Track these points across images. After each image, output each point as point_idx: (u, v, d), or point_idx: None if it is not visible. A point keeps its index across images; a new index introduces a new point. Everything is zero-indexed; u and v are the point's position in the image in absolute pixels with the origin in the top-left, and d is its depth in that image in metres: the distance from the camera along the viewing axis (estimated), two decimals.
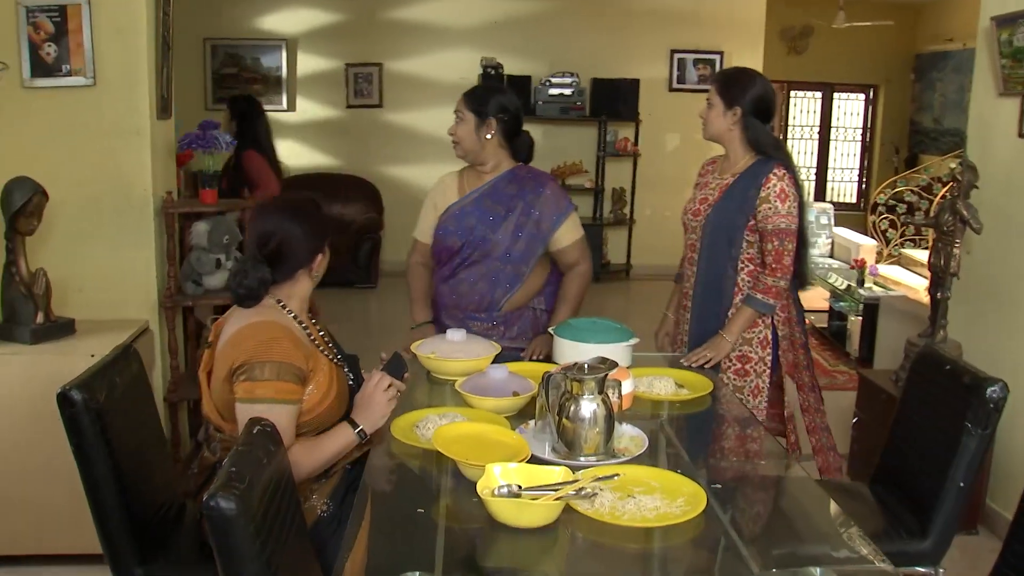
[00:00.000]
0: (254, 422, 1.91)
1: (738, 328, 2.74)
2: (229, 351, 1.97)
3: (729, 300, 2.79)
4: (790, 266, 2.70)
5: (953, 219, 3.35)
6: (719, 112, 2.76)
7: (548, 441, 2.04)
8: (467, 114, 2.78)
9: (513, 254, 2.82)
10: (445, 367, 2.55)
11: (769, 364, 2.79)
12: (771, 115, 2.79)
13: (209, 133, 3.35)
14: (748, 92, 2.73)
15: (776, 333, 2.80)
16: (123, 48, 3.21)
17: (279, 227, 2.04)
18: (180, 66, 7.65)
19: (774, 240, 2.68)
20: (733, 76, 2.81)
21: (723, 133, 2.78)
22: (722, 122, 2.76)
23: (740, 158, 2.78)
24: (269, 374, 1.92)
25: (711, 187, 2.84)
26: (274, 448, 1.84)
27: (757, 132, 2.75)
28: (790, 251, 2.69)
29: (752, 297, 2.73)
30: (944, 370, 2.44)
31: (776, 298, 2.72)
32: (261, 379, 1.92)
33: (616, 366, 2.07)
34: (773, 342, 2.79)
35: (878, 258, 7.49)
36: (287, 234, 2.04)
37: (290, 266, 2.07)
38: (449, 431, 2.02)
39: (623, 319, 4.40)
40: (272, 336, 1.96)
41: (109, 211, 3.29)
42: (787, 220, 2.67)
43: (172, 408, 3.43)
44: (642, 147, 8.21)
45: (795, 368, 2.86)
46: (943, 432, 2.35)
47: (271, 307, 2.07)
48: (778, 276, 2.70)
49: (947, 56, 9.50)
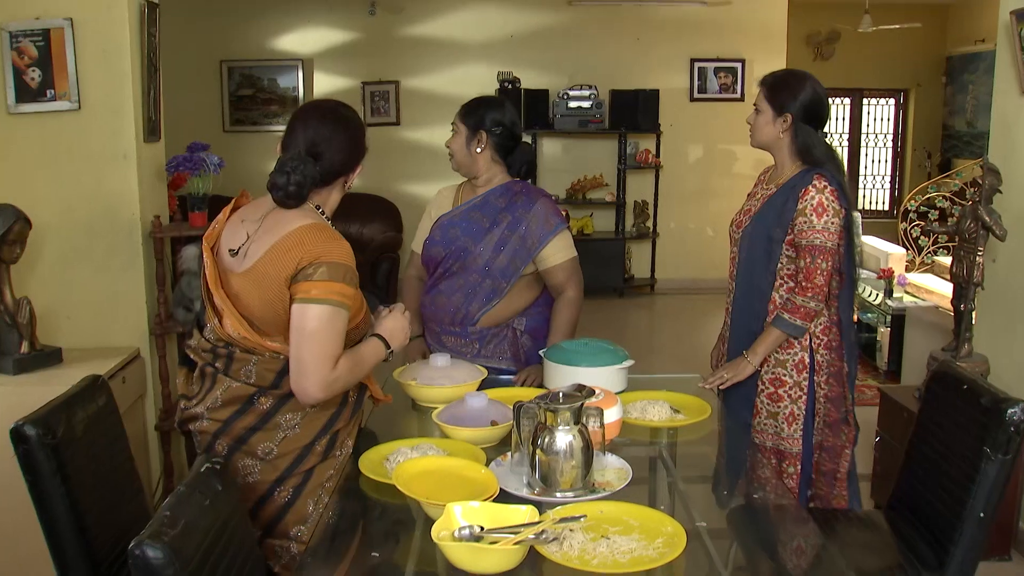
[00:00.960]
0: (203, 460, 1.82)
1: (763, 350, 2.55)
2: (289, 251, 1.88)
3: (764, 319, 2.59)
4: (823, 286, 2.49)
5: (975, 225, 3.16)
6: (768, 119, 2.58)
7: (524, 475, 1.91)
8: (461, 127, 2.74)
9: (493, 268, 2.72)
10: (427, 394, 2.43)
11: (806, 390, 2.58)
12: (824, 121, 2.59)
13: (197, 155, 3.28)
14: (799, 96, 2.53)
15: (814, 357, 2.58)
16: (108, 71, 3.15)
17: (327, 130, 1.99)
18: (197, 89, 7.83)
19: (807, 257, 2.49)
20: (782, 80, 2.60)
21: (772, 141, 2.60)
22: (771, 130, 2.58)
23: (788, 168, 2.60)
24: (339, 275, 1.88)
25: (757, 197, 2.68)
26: (221, 488, 1.73)
27: (808, 140, 2.55)
28: (824, 270, 2.48)
29: (779, 317, 2.52)
30: (961, 390, 2.27)
31: (805, 319, 2.50)
32: (335, 279, 1.87)
33: (593, 393, 1.93)
34: (810, 367, 2.57)
35: (910, 266, 7.23)
36: (334, 138, 1.99)
37: (334, 171, 2.01)
38: (413, 466, 1.89)
39: (648, 335, 4.22)
40: (335, 236, 1.93)
41: (97, 236, 3.23)
42: (822, 236, 2.47)
43: (165, 437, 3.35)
44: (664, 159, 8.06)
45: (826, 400, 2.60)
46: (961, 457, 2.19)
47: (313, 212, 1.99)
48: (808, 296, 2.49)
49: (979, 57, 9.23)
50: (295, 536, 2.00)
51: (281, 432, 1.98)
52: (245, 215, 2.02)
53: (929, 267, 7.41)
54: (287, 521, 2.00)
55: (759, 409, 2.60)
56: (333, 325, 1.87)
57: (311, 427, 2.01)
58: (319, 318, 1.86)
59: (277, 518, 2.00)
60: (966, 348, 3.23)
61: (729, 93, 8.16)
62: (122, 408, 3.09)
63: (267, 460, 1.97)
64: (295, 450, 1.99)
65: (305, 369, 1.86)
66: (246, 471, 1.98)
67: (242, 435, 1.97)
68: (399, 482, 1.81)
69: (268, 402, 1.97)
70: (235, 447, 1.98)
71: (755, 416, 2.61)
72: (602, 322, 7.21)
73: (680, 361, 5.98)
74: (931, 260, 7.46)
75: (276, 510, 1.99)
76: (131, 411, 3.21)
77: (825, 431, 2.62)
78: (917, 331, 4.45)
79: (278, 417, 1.97)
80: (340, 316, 1.89)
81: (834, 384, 2.60)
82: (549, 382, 2.52)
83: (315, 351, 1.86)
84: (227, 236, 2.01)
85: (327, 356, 1.87)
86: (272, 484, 1.98)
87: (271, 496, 1.99)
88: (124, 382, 3.12)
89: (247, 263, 1.94)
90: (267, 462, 1.97)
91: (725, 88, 8.16)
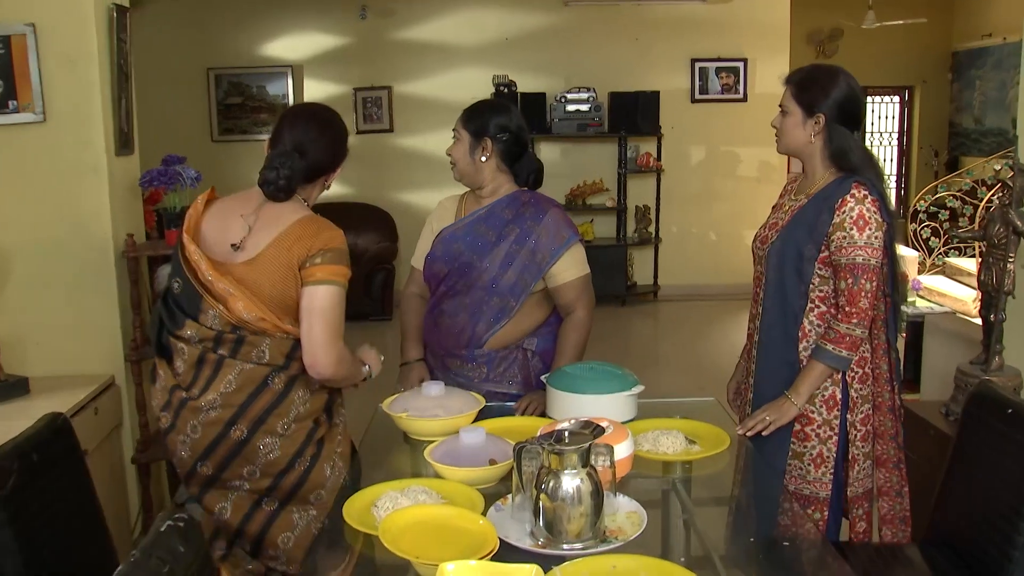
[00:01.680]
0: (164, 516, 1.61)
1: (807, 389, 2.25)
2: (297, 242, 2.05)
3: (798, 347, 2.31)
4: (868, 310, 2.20)
5: (1005, 230, 2.95)
6: (797, 121, 2.29)
7: (527, 523, 1.71)
8: (463, 133, 2.53)
9: (500, 285, 2.51)
10: (420, 427, 2.22)
11: (836, 429, 2.29)
12: (859, 121, 2.31)
13: (172, 169, 3.07)
14: (831, 94, 2.24)
15: (847, 392, 2.29)
16: (75, 80, 2.95)
17: (313, 131, 2.15)
18: (183, 98, 7.63)
19: (848, 277, 2.19)
20: (811, 76, 2.30)
21: (802, 146, 2.31)
22: (801, 133, 2.29)
23: (820, 175, 2.32)
24: (340, 259, 2.08)
25: (784, 209, 2.38)
26: (184, 548, 1.52)
27: (843, 143, 2.26)
28: (868, 292, 2.18)
29: (822, 348, 2.23)
30: (1005, 414, 2.07)
31: (851, 349, 2.21)
32: (340, 263, 2.07)
33: (602, 430, 1.72)
34: (843, 403, 2.29)
35: (920, 269, 7.03)
36: (319, 138, 2.15)
37: (318, 170, 2.17)
38: (401, 518, 1.69)
39: (653, 345, 3.97)
40: (331, 225, 2.11)
41: (66, 257, 3.03)
42: (865, 253, 2.18)
43: (143, 469, 3.14)
44: (665, 162, 7.86)
45: (874, 438, 2.34)
46: (1009, 488, 1.99)
47: (304, 205, 2.17)
48: (853, 322, 2.19)
49: (986, 52, 9.04)
50: (315, 500, 2.14)
51: (295, 408, 2.12)
52: (239, 209, 2.12)
53: (940, 268, 7.21)
54: (307, 487, 2.14)
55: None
56: (339, 304, 2.07)
57: (317, 401, 2.18)
58: (328, 297, 2.04)
59: (298, 485, 2.13)
60: (997, 361, 3.02)
61: (731, 93, 7.96)
62: (95, 441, 2.91)
63: (286, 436, 2.10)
64: (308, 424, 2.14)
65: (317, 346, 2.04)
66: (267, 449, 2.10)
67: (260, 416, 2.08)
68: (386, 539, 1.61)
69: (281, 382, 2.10)
70: (255, 428, 2.08)
71: None
72: (604, 332, 7.00)
73: (687, 372, 5.78)
74: (942, 261, 7.26)
75: (297, 478, 2.12)
76: (106, 443, 3.01)
77: (883, 474, 2.36)
78: (936, 340, 4.24)
79: (292, 395, 2.11)
80: (342, 295, 2.09)
81: (888, 419, 2.35)
82: (552, 411, 2.31)
83: (326, 328, 2.04)
84: (220, 229, 2.11)
85: (336, 333, 2.06)
86: (292, 457, 2.11)
87: (292, 468, 2.12)
88: (97, 413, 2.92)
89: (250, 254, 2.07)
90: (286, 437, 2.10)
91: (727, 88, 7.97)
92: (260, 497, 2.12)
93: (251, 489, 2.11)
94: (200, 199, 2.17)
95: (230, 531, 2.13)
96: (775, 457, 2.32)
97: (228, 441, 2.07)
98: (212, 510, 2.12)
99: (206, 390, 2.07)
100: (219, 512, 2.12)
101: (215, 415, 2.06)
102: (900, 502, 2.39)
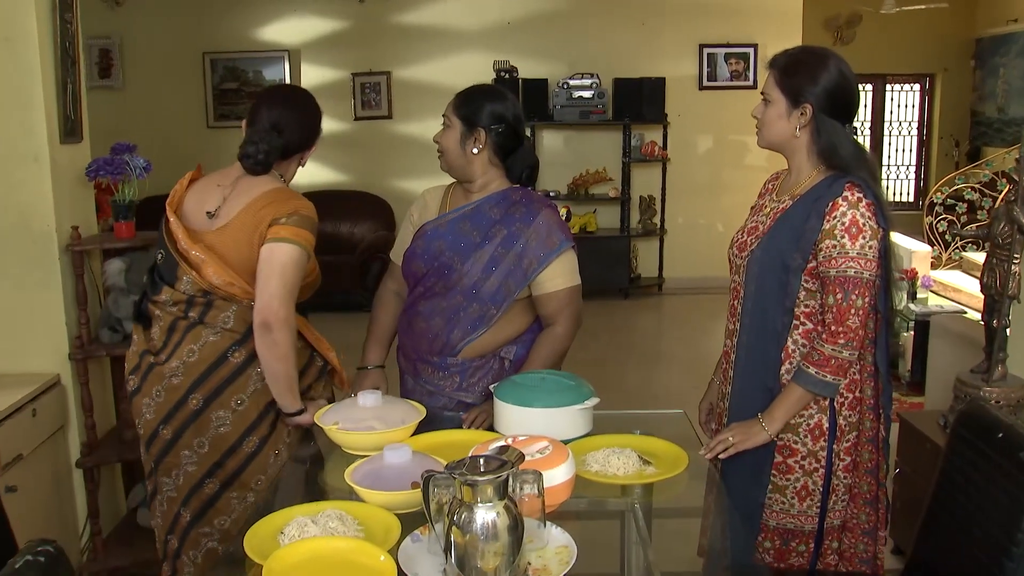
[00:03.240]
0: (25, 550, 1.44)
1: (783, 415, 1.99)
2: (265, 207, 2.13)
3: (779, 369, 2.05)
4: (859, 329, 1.93)
5: (1010, 229, 2.72)
6: (780, 111, 2.02)
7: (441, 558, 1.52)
8: (454, 120, 2.32)
9: (482, 291, 2.30)
10: (352, 441, 2.04)
11: (823, 461, 2.03)
12: (852, 112, 2.03)
13: (119, 158, 2.90)
14: (820, 81, 1.97)
15: (835, 420, 2.03)
16: (13, 63, 2.78)
17: (289, 111, 2.25)
18: (178, 84, 7.47)
19: (837, 292, 1.93)
20: (798, 59, 2.03)
21: (787, 141, 2.05)
22: (785, 125, 2.02)
23: (806, 174, 2.06)
24: (307, 225, 2.15)
25: (765, 212, 2.11)
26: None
27: (833, 137, 1.99)
28: (859, 308, 1.93)
29: (803, 372, 1.96)
30: (995, 439, 1.85)
31: (838, 373, 1.95)
32: (305, 228, 2.14)
33: (522, 458, 1.52)
34: (830, 432, 2.02)
35: (935, 263, 6.76)
36: (294, 118, 2.25)
37: (293, 148, 2.26)
38: (294, 551, 1.51)
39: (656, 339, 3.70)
40: (302, 197, 2.21)
41: (7, 250, 2.87)
42: (857, 265, 1.92)
43: (89, 474, 2.98)
44: (671, 151, 7.65)
45: (853, 470, 2.08)
46: (996, 523, 1.78)
47: (279, 179, 2.26)
48: (840, 343, 1.93)
49: (1011, 39, 8.73)
50: (255, 486, 2.19)
51: (252, 384, 2.17)
52: (218, 180, 2.24)
53: (957, 263, 6.94)
54: (249, 471, 2.18)
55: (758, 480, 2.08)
56: (298, 265, 2.12)
57: None
58: (288, 254, 2.10)
59: (240, 468, 2.18)
60: (999, 371, 2.79)
61: (741, 80, 7.72)
62: (33, 444, 2.75)
63: (238, 411, 2.16)
64: (262, 403, 2.18)
65: (274, 297, 2.08)
66: (218, 422, 2.16)
67: (217, 387, 2.15)
68: (274, 574, 1.43)
69: (241, 356, 2.16)
70: (210, 399, 2.15)
71: None
72: (606, 325, 6.81)
73: (691, 369, 5.56)
74: (959, 256, 6.98)
75: (241, 460, 2.18)
76: (47, 446, 2.85)
77: (851, 509, 2.10)
78: (943, 341, 4.00)
79: (249, 370, 2.17)
80: (303, 259, 2.14)
81: (870, 452, 2.08)
82: (499, 424, 2.11)
83: (282, 284, 2.09)
84: (199, 201, 2.23)
85: (290, 293, 2.11)
86: (242, 434, 2.17)
87: (239, 447, 2.17)
88: (35, 414, 2.76)
89: (223, 221, 2.17)
90: (238, 413, 2.16)
91: (736, 75, 7.72)
92: (204, 477, 2.18)
93: (198, 464, 2.17)
94: (186, 176, 2.30)
95: (175, 507, 2.22)
96: (748, 488, 2.07)
97: (185, 409, 2.16)
98: (169, 475, 2.21)
99: (171, 357, 2.17)
100: (173, 479, 2.20)
101: (176, 382, 2.16)
102: (868, 543, 2.12)
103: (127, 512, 3.25)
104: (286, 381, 2.15)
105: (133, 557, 3.01)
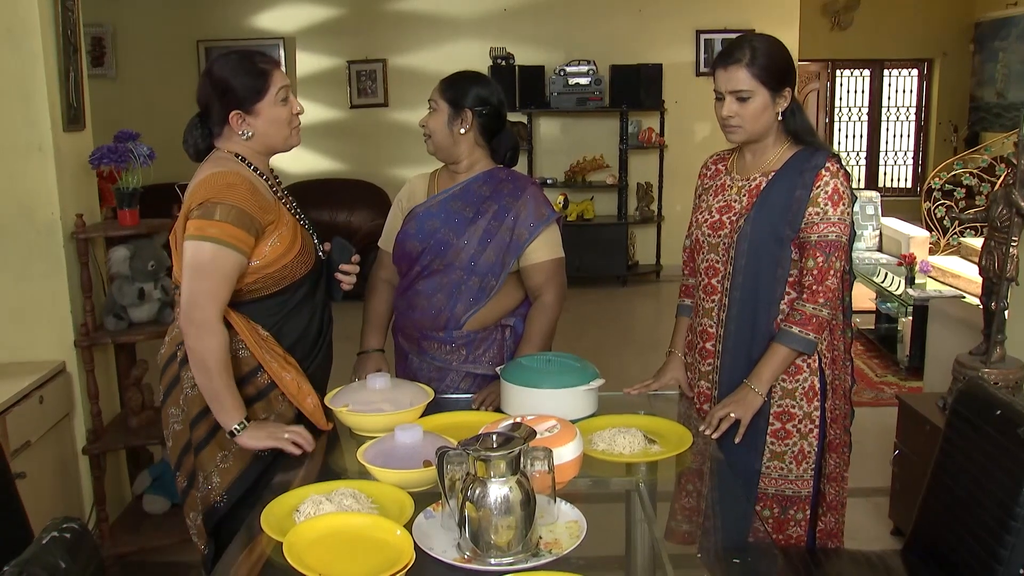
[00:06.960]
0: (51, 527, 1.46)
1: (770, 375, 2.08)
2: (188, 198, 2.01)
3: (765, 340, 2.12)
4: (836, 289, 2.07)
5: (1008, 212, 2.75)
6: (765, 102, 2.06)
7: (455, 532, 1.55)
8: (441, 104, 2.38)
9: (479, 264, 2.37)
10: (362, 423, 2.06)
11: (817, 421, 2.13)
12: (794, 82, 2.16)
13: (122, 145, 2.90)
14: (790, 61, 2.09)
15: (824, 379, 2.14)
16: (15, 52, 2.78)
17: (202, 86, 2.09)
18: (172, 72, 7.44)
19: (818, 255, 2.05)
20: (770, 51, 2.06)
21: (770, 128, 2.11)
22: (770, 114, 2.08)
23: (772, 151, 2.14)
24: (221, 215, 1.94)
25: (732, 192, 2.18)
26: (67, 564, 1.37)
27: (805, 118, 2.13)
28: (837, 270, 2.06)
29: (787, 331, 2.06)
30: (994, 415, 1.89)
31: (817, 332, 2.06)
32: (212, 218, 1.94)
33: (533, 434, 1.55)
34: (821, 392, 2.13)
35: (934, 248, 6.80)
36: (206, 90, 2.07)
37: (223, 116, 2.06)
38: (311, 529, 1.54)
39: (654, 327, 3.69)
40: (228, 182, 1.98)
41: (12, 239, 2.88)
42: (837, 229, 2.05)
43: (95, 460, 3.00)
44: (668, 138, 7.64)
45: (833, 423, 2.19)
46: (995, 499, 1.82)
47: (228, 159, 2.08)
48: (820, 302, 2.05)
49: (1011, 22, 8.71)
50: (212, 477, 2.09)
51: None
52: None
53: (955, 248, 6.97)
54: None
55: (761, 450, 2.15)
56: (217, 264, 1.93)
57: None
58: (192, 253, 1.94)
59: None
60: (998, 352, 2.83)
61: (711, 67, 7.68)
62: (40, 431, 2.77)
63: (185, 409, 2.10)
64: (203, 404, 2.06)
65: (183, 303, 1.95)
66: (172, 419, 2.13)
67: (176, 377, 2.10)
68: (291, 553, 1.47)
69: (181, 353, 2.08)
70: (169, 389, 2.12)
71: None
72: (604, 313, 6.83)
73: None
74: (957, 242, 7.01)
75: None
76: (53, 433, 2.87)
77: (831, 456, 2.21)
78: (941, 325, 4.03)
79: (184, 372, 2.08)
80: (228, 257, 1.95)
81: (841, 403, 2.20)
82: (506, 406, 2.15)
83: (188, 286, 1.94)
84: None
85: (207, 294, 1.93)
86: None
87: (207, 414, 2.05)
88: (42, 402, 2.77)
89: (179, 214, 2.08)
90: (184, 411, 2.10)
91: None
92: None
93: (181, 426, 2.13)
94: None
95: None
96: (748, 457, 2.13)
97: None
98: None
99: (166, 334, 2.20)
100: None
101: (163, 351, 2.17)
102: (842, 486, 2.24)
103: (133, 499, 3.28)
104: (208, 392, 1.98)
105: (139, 543, 3.04)
